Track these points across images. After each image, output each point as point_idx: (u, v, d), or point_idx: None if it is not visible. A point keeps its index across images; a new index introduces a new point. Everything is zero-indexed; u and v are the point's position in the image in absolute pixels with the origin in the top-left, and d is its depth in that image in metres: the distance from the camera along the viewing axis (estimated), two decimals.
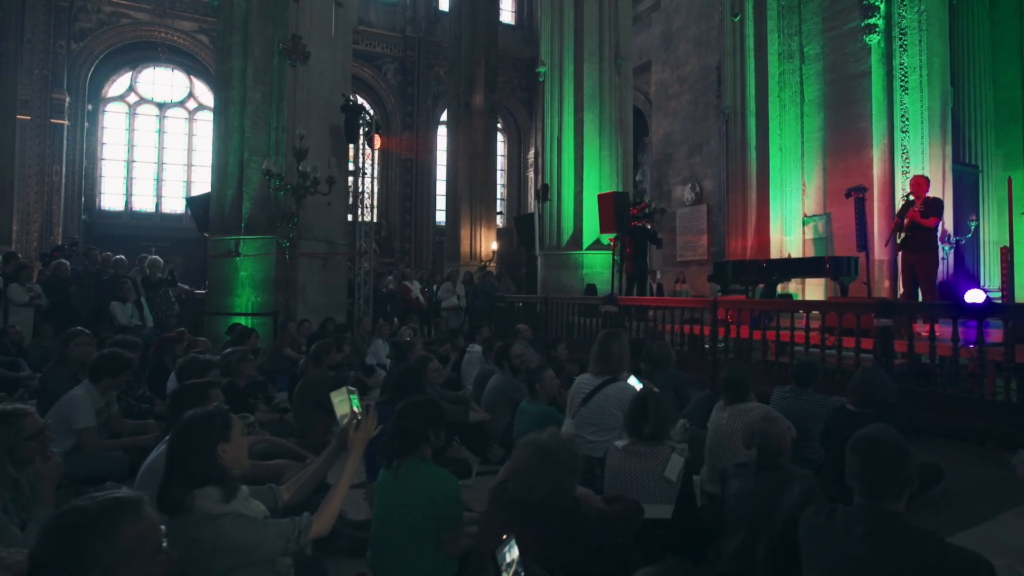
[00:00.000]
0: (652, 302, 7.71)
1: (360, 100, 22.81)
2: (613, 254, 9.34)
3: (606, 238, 9.06)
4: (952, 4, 12.57)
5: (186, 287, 10.36)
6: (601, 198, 8.66)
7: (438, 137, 22.54)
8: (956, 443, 4.40)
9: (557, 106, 11.14)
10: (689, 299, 9.00)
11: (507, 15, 23.83)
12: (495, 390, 4.40)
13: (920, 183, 6.70)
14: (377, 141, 9.76)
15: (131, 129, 20.40)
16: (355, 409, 2.09)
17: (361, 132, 9.58)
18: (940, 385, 4.31)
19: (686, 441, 2.67)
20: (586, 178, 10.68)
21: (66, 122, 17.56)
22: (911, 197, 6.75)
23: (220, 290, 8.72)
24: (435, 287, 12.00)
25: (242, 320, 8.30)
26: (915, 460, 3.43)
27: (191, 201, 10.17)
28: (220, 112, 9.06)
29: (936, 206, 6.58)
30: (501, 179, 24.09)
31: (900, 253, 6.87)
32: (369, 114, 9.84)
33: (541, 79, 11.55)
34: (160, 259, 8.85)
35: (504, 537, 1.44)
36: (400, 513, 2.24)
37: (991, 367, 4.42)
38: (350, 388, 2.14)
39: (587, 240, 10.59)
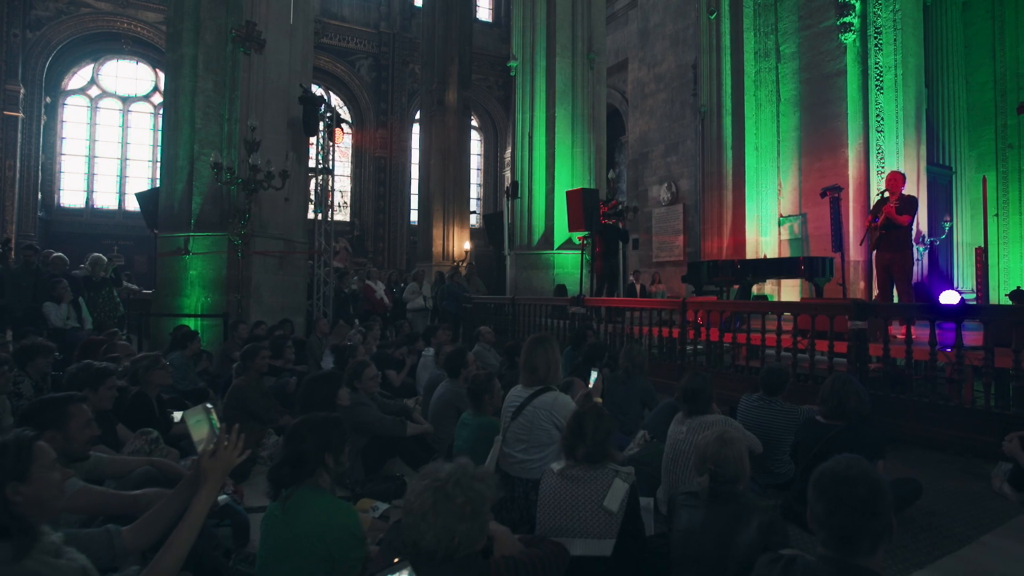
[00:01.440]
0: (620, 303, 7.40)
1: (333, 96, 22.41)
2: (584, 253, 9.02)
3: (576, 237, 8.74)
4: (927, 5, 12.53)
5: (134, 287, 9.82)
6: (569, 195, 8.34)
7: (413, 135, 22.10)
8: (934, 453, 4.15)
9: (528, 102, 10.82)
10: (658, 300, 8.72)
11: (484, 12, 23.50)
12: (441, 399, 4.04)
13: (896, 179, 6.49)
14: (338, 135, 9.33)
15: (93, 123, 19.65)
16: (215, 431, 1.72)
17: (322, 125, 9.14)
18: (917, 392, 4.06)
19: (630, 466, 2.33)
20: (558, 176, 10.36)
21: (20, 114, 16.81)
22: (886, 194, 6.53)
23: (168, 290, 8.23)
24: (403, 287, 11.57)
25: (191, 322, 7.82)
26: (893, 479, 3.13)
27: (140, 196, 9.64)
28: (170, 102, 8.57)
29: (911, 204, 6.37)
30: (477, 178, 23.73)
31: (875, 252, 6.64)
32: (330, 106, 9.39)
33: (512, 73, 11.21)
34: (104, 257, 8.33)
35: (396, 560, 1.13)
36: (286, 553, 1.87)
37: (969, 372, 4.17)
38: (207, 406, 1.77)
39: (558, 239, 10.27)
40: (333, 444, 2.05)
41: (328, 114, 9.53)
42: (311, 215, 9.87)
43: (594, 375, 3.17)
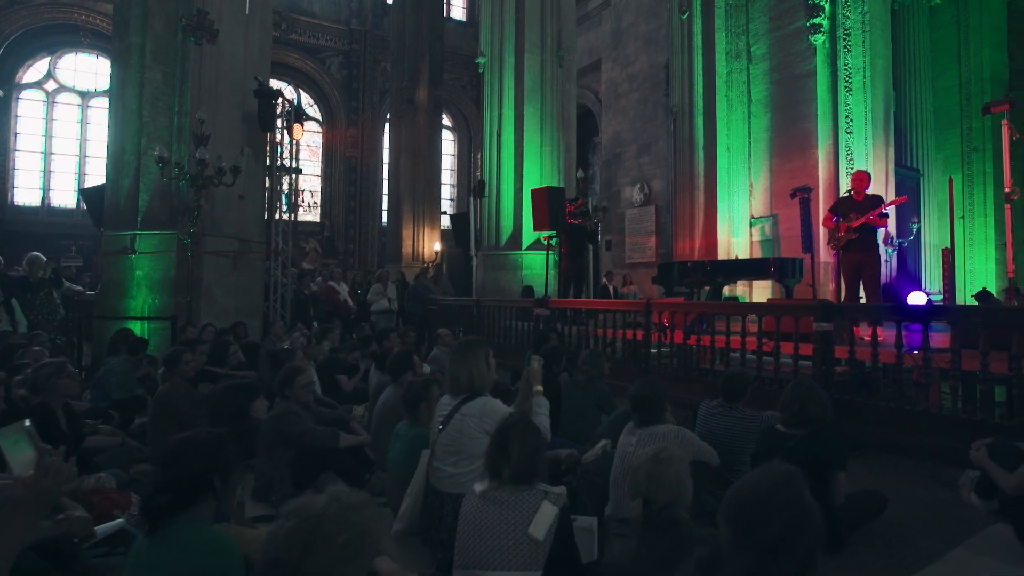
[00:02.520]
0: (584, 304, 7.19)
1: (303, 95, 21.91)
2: (553, 254, 8.80)
3: (542, 237, 8.50)
4: (894, 9, 12.61)
5: (77, 288, 9.32)
6: (535, 193, 8.12)
7: (385, 135, 21.72)
8: (901, 459, 3.99)
9: (497, 99, 10.58)
10: (622, 301, 8.54)
11: (458, 11, 23.23)
12: (384, 406, 3.75)
13: (862, 178, 6.40)
14: (298, 131, 8.97)
15: (49, 119, 18.92)
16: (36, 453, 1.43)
17: (281, 120, 8.78)
18: (884, 396, 3.90)
19: (562, 486, 2.07)
20: (526, 175, 10.14)
21: None
22: (851, 192, 6.43)
23: (113, 291, 7.80)
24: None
25: (137, 324, 7.43)
26: (856, 491, 2.94)
27: (86, 193, 9.17)
28: (117, 94, 8.15)
29: (887, 216, 6.30)
30: (451, 179, 23.42)
31: (842, 253, 6.54)
32: (288, 101, 9.03)
33: (481, 70, 10.96)
34: (42, 256, 7.87)
35: None
36: None
37: (936, 375, 4.03)
38: (26, 423, 1.48)
39: (527, 240, 10.04)
40: (220, 464, 1.77)
41: (287, 108, 9.18)
42: (284, 215, 9.51)
43: (534, 361, 2.91)
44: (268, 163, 9.57)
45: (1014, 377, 3.24)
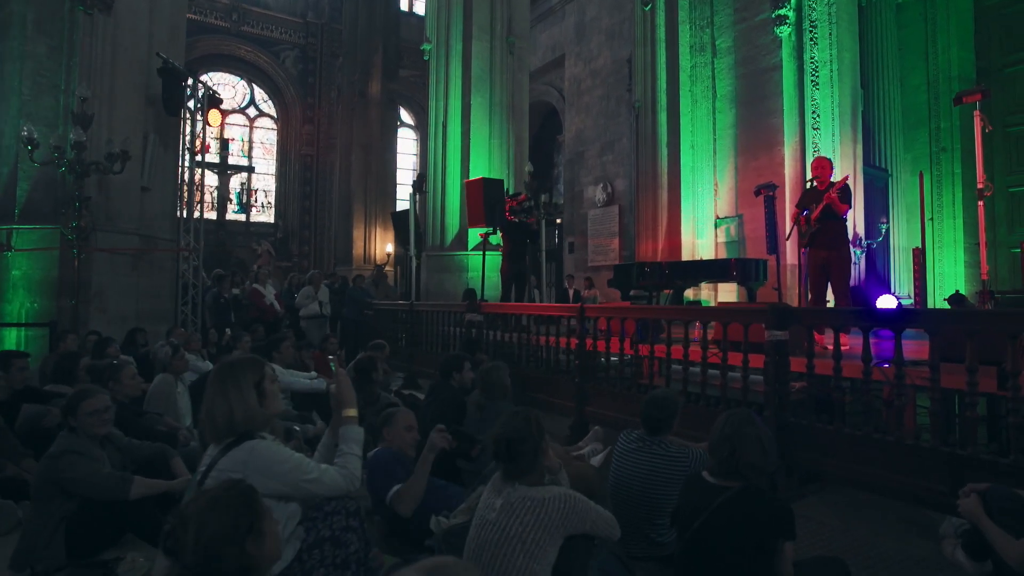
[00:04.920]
0: (516, 309, 6.44)
1: (256, 90, 20.91)
2: (499, 254, 8.02)
3: (479, 234, 7.70)
4: (862, 6, 12.22)
5: None
6: (468, 185, 7.34)
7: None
8: (868, 495, 3.27)
9: (443, 88, 9.81)
10: (555, 306, 7.81)
11: (420, 5, 22.45)
12: None
13: (824, 164, 5.75)
14: (215, 116, 8.07)
15: None
16: None
17: (196, 104, 7.88)
18: (848, 420, 3.20)
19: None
20: (473, 169, 9.36)
21: None
22: (814, 182, 5.78)
23: None
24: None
25: (11, 332, 6.48)
26: (811, 558, 2.20)
27: None
28: None
29: (849, 193, 5.64)
30: (412, 179, 22.60)
31: (807, 250, 5.87)
32: (201, 83, 8.12)
33: (426, 58, 10.18)
34: None
35: None
36: None
37: (911, 393, 3.34)
38: None
39: (473, 240, 9.26)
40: None
41: (206, 92, 8.29)
42: (237, 215, 8.60)
43: (332, 367, 2.11)
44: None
45: (1010, 400, 2.55)
